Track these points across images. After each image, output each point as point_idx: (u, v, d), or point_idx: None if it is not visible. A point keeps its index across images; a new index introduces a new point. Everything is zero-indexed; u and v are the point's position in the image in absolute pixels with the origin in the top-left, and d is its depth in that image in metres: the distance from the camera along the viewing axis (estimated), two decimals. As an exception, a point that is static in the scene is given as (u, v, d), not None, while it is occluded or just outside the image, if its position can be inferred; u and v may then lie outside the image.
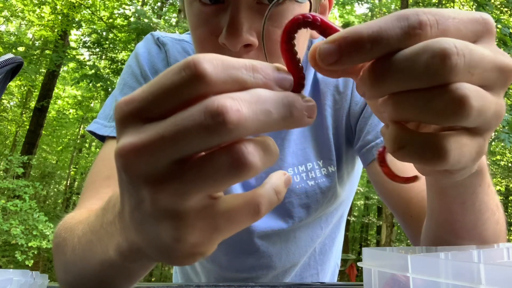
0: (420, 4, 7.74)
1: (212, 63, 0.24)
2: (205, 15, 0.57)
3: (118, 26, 9.03)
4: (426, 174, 0.34)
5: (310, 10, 0.63)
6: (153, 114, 0.25)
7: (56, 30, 9.05)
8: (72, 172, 12.98)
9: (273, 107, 0.25)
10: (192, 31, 0.61)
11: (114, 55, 8.99)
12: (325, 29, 0.27)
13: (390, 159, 0.35)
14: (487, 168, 0.44)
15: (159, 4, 10.14)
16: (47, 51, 9.05)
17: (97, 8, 9.16)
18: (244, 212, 0.27)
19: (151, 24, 7.25)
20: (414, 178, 0.33)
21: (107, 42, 8.94)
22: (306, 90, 0.78)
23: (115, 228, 0.35)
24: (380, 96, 0.27)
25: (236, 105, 0.23)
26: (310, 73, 0.78)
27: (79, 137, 13.02)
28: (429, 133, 0.27)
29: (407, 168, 0.44)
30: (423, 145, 0.26)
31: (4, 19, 10.26)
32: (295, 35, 0.28)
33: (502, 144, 4.96)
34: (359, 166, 0.85)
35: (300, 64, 0.28)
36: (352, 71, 0.30)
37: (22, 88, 11.83)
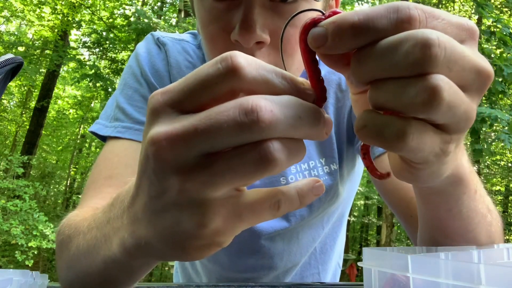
0: (419, 3, 7.73)
1: (247, 59, 0.25)
2: (217, 11, 0.57)
3: (118, 26, 9.04)
4: (394, 169, 0.34)
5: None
6: (188, 105, 0.26)
7: (56, 30, 9.05)
8: (72, 172, 12.97)
9: (304, 114, 0.26)
10: (203, 28, 0.60)
11: (114, 55, 8.99)
12: None
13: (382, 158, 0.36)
14: (473, 176, 0.43)
15: (159, 4, 10.15)
16: (47, 51, 9.05)
17: (97, 8, 9.16)
18: (265, 206, 0.29)
19: (151, 24, 7.25)
20: (387, 175, 0.34)
21: (107, 42, 8.95)
22: None
23: (121, 223, 0.35)
24: (362, 82, 0.28)
25: (270, 106, 0.25)
26: None
27: (79, 137, 13.02)
28: (391, 116, 0.27)
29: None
30: (383, 125, 0.27)
31: (4, 19, 10.25)
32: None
33: (502, 144, 4.96)
34: (359, 164, 0.85)
35: (321, 77, 0.29)
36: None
37: (22, 88, 11.83)
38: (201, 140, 0.25)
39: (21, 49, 9.20)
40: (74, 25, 9.08)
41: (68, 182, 13.08)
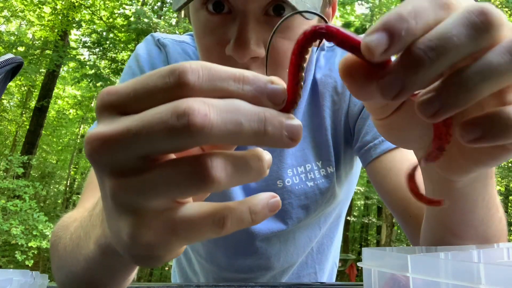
0: None
1: (198, 73, 0.24)
2: (212, 24, 0.57)
3: (118, 26, 9.03)
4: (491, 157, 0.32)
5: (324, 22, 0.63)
6: (130, 110, 0.25)
7: (56, 30, 9.05)
8: (72, 172, 12.97)
9: (246, 119, 0.24)
10: (198, 40, 0.61)
11: (114, 55, 8.99)
12: (342, 40, 0.26)
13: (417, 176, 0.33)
14: None
15: (159, 4, 10.14)
16: (47, 51, 9.05)
17: (97, 8, 9.17)
18: (206, 223, 0.26)
19: (151, 24, 7.26)
20: (439, 202, 0.30)
21: (107, 42, 8.95)
22: (305, 91, 0.78)
23: (98, 219, 0.35)
24: (435, 76, 0.25)
25: (205, 109, 0.23)
26: (309, 75, 0.78)
27: (79, 137, 13.02)
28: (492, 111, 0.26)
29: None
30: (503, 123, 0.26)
31: (4, 19, 10.25)
32: (309, 48, 0.27)
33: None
34: (357, 166, 0.86)
35: (301, 83, 0.27)
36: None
37: (22, 88, 11.83)
38: (133, 142, 0.24)
39: (21, 49, 9.19)
40: (74, 25, 9.08)
41: (68, 182, 13.08)
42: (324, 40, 0.26)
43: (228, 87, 0.25)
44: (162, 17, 9.18)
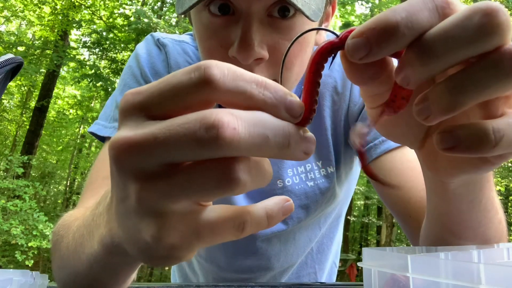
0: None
1: (223, 71, 0.24)
2: (215, 26, 0.57)
3: (118, 26, 9.03)
4: (467, 169, 0.33)
5: (320, 24, 0.63)
6: (156, 111, 0.25)
7: (56, 30, 9.04)
8: (72, 172, 12.97)
9: (272, 133, 0.24)
10: (200, 42, 0.60)
11: (114, 55, 8.99)
12: None
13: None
14: None
15: (159, 4, 10.14)
16: (47, 51, 9.05)
17: (97, 8, 9.16)
18: (228, 226, 0.27)
19: (151, 24, 7.26)
20: (388, 184, 0.32)
21: (107, 42, 8.95)
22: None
23: (102, 219, 0.35)
24: (429, 76, 0.26)
25: (234, 122, 0.23)
26: None
27: (79, 137, 13.02)
28: (474, 122, 0.26)
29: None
30: (484, 133, 0.26)
31: (4, 19, 10.25)
32: (325, 64, 0.27)
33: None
34: (357, 166, 0.86)
35: (316, 98, 0.27)
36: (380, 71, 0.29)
37: (22, 88, 11.83)
38: (159, 150, 0.24)
39: (21, 49, 9.19)
40: (74, 25, 9.07)
41: (68, 182, 13.07)
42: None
43: (251, 90, 0.25)
44: (162, 17, 9.18)
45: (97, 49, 9.23)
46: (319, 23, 0.64)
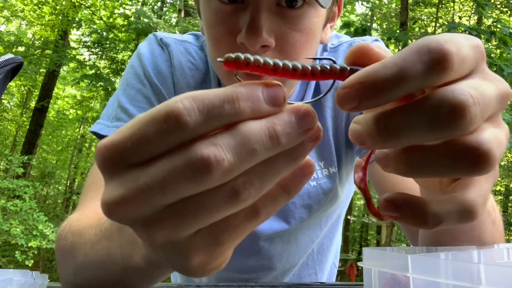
0: (421, 4, 7.74)
1: (193, 112, 0.23)
2: (224, 13, 0.57)
3: (118, 26, 9.03)
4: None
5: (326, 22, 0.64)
6: (137, 159, 0.24)
7: (56, 30, 9.04)
8: (72, 172, 12.96)
9: (258, 144, 0.24)
10: (208, 29, 0.61)
11: (114, 55, 8.98)
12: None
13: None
14: None
15: (159, 4, 10.14)
16: (47, 51, 9.04)
17: (97, 8, 9.16)
18: (242, 219, 0.27)
19: (151, 24, 7.25)
20: (381, 216, 0.33)
21: (107, 42, 8.94)
22: (308, 92, 0.78)
23: (139, 241, 0.35)
24: (385, 147, 0.26)
25: (221, 154, 0.23)
26: None
27: (79, 137, 13.01)
28: (455, 197, 0.27)
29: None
30: (459, 211, 0.27)
31: (4, 19, 10.25)
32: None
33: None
34: None
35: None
36: None
37: (22, 88, 11.83)
38: (157, 197, 0.24)
39: (21, 49, 9.18)
40: (74, 25, 9.07)
41: (68, 182, 13.07)
42: (328, 42, 0.27)
43: (225, 112, 0.24)
44: (162, 17, 9.18)
45: (97, 49, 9.22)
46: (325, 20, 0.64)
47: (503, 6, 7.63)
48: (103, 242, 0.44)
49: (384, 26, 8.71)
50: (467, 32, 5.29)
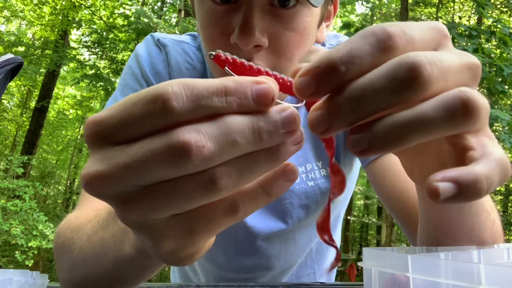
0: (421, 4, 7.74)
1: (181, 97, 0.24)
2: (217, 14, 0.58)
3: (118, 26, 9.03)
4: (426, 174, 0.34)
5: (320, 22, 0.64)
6: (121, 138, 0.25)
7: (56, 30, 9.04)
8: (72, 172, 12.96)
9: (240, 136, 0.24)
10: (202, 30, 0.61)
11: (114, 55, 8.98)
12: None
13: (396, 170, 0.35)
14: None
15: (159, 4, 10.14)
16: (47, 51, 9.04)
17: (97, 8, 9.16)
18: (219, 212, 0.27)
19: (151, 24, 7.25)
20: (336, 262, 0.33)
21: (107, 42, 8.94)
22: None
23: None
24: (358, 121, 0.26)
25: (202, 140, 0.23)
26: None
27: (79, 137, 13.01)
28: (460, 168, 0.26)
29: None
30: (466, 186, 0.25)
31: (4, 19, 10.25)
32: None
33: (502, 144, 4.96)
34: (356, 166, 0.86)
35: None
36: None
37: (22, 88, 11.83)
38: (133, 176, 0.24)
39: (21, 49, 9.18)
40: (74, 25, 9.07)
41: (68, 182, 13.07)
42: (327, 39, 0.27)
43: (213, 104, 0.24)
44: (162, 17, 9.18)
45: (97, 49, 9.22)
46: (320, 20, 0.64)
47: (503, 6, 7.63)
48: (99, 233, 0.44)
49: (384, 26, 8.69)
50: (467, 32, 5.29)
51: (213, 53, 0.27)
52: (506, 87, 5.39)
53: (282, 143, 0.26)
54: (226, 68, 0.28)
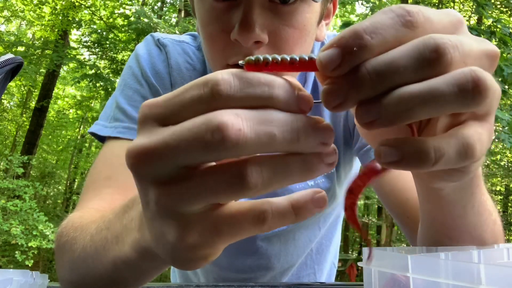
0: (420, 3, 7.74)
1: (230, 83, 0.25)
2: (217, 11, 0.58)
3: (118, 26, 9.03)
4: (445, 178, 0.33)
5: (320, 19, 0.63)
6: (170, 120, 0.26)
7: (56, 30, 9.04)
8: (72, 172, 12.96)
9: (279, 130, 0.25)
10: (203, 27, 0.61)
11: (114, 55, 8.98)
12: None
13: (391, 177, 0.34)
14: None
15: (159, 4, 10.14)
16: (47, 51, 9.04)
17: (97, 8, 9.16)
18: (247, 219, 0.27)
19: (151, 24, 7.25)
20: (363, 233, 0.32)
21: (107, 42, 8.94)
22: (307, 90, 0.78)
23: (134, 224, 0.36)
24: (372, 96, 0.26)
25: (239, 123, 0.24)
26: (311, 73, 0.78)
27: (79, 137, 13.01)
28: (450, 133, 0.27)
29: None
30: (456, 148, 0.26)
31: (4, 19, 10.25)
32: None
33: (502, 144, 4.96)
34: (356, 166, 0.86)
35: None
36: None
37: (22, 88, 11.82)
38: (171, 156, 0.25)
39: (21, 49, 9.18)
40: (74, 25, 9.07)
41: (68, 182, 13.07)
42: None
43: (260, 93, 0.25)
44: (162, 17, 9.18)
45: (97, 49, 9.22)
46: (319, 17, 0.64)
47: (503, 6, 7.63)
48: (103, 233, 0.44)
49: (384, 26, 8.70)
50: (467, 32, 5.27)
51: (243, 62, 0.27)
52: (506, 87, 5.39)
53: (317, 156, 0.26)
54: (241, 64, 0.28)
